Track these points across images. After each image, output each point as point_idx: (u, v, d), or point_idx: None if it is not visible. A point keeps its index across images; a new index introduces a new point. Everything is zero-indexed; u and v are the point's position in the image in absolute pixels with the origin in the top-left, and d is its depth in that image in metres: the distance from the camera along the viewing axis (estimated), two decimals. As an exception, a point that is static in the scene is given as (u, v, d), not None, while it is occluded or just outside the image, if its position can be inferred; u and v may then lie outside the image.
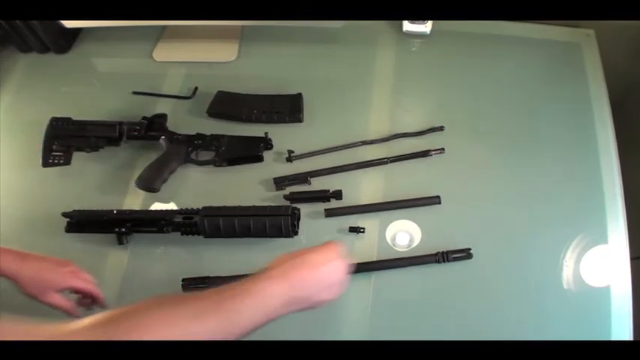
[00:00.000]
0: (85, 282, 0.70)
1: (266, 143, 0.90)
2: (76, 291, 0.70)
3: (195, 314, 0.46)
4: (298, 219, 0.81)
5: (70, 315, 0.68)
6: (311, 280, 0.52)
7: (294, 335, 0.57)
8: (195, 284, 0.77)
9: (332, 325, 0.77)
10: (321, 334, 0.75)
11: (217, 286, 0.51)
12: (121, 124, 0.91)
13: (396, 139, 0.91)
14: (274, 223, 0.76)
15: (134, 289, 0.80)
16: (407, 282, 0.78)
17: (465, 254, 0.77)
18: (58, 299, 0.67)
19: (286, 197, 0.85)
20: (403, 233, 0.82)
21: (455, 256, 0.77)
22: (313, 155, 0.90)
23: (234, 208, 0.78)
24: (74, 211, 0.83)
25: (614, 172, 0.86)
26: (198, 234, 0.79)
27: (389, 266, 0.78)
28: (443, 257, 0.76)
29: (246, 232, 0.77)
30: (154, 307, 0.45)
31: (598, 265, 0.79)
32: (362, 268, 0.77)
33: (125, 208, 0.87)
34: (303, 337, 0.70)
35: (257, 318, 0.48)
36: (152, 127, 0.92)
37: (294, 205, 0.81)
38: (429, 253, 0.78)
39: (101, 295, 0.71)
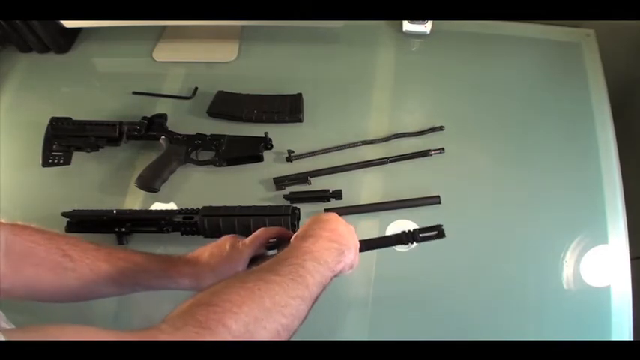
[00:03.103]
0: (254, 249, 0.65)
1: (266, 143, 0.90)
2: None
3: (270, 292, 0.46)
4: (298, 219, 0.81)
5: None
6: (334, 225, 0.57)
7: (295, 335, 0.58)
8: None
9: (332, 325, 0.77)
10: (321, 334, 0.75)
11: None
12: (121, 124, 0.91)
13: (396, 139, 0.91)
14: (274, 222, 0.76)
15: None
16: (407, 281, 0.78)
17: (437, 232, 0.62)
18: None
19: (286, 197, 0.85)
20: (403, 233, 0.81)
21: (424, 235, 0.62)
22: (313, 155, 0.90)
23: (234, 207, 0.78)
24: (74, 211, 0.83)
25: (614, 172, 0.86)
26: (198, 234, 0.79)
27: None
28: (409, 237, 0.63)
29: (246, 232, 0.76)
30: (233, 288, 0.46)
31: (598, 265, 0.79)
32: None
33: (125, 208, 0.87)
34: (303, 337, 0.70)
35: (320, 277, 0.51)
36: (152, 127, 0.92)
37: (294, 205, 0.81)
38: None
39: (270, 233, 0.67)
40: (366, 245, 0.63)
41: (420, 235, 0.63)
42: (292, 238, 0.59)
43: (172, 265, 0.64)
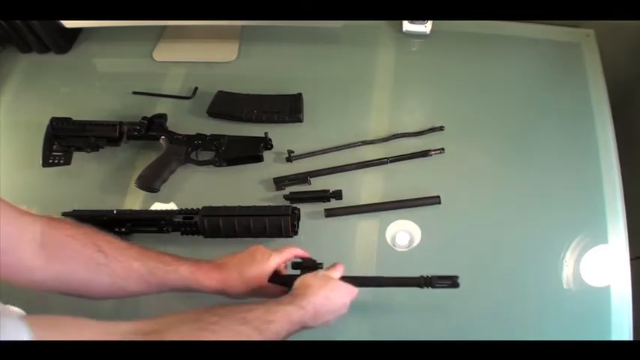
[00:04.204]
0: (282, 259, 0.68)
1: (266, 143, 0.90)
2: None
3: (232, 334, 0.49)
4: (298, 219, 0.81)
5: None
6: (326, 312, 0.61)
7: (294, 335, 0.58)
8: None
9: (332, 326, 0.77)
10: (322, 335, 0.75)
11: None
12: (121, 124, 0.91)
13: (396, 139, 0.91)
14: (274, 222, 0.76)
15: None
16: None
17: (451, 282, 0.66)
18: (272, 290, 0.67)
19: (286, 197, 0.85)
20: (403, 233, 0.82)
21: (439, 283, 0.66)
22: (313, 155, 0.90)
23: (234, 208, 0.78)
24: (74, 211, 0.83)
25: (614, 172, 0.86)
26: (198, 234, 0.79)
27: (368, 284, 0.69)
28: (426, 282, 0.66)
29: (246, 232, 0.77)
30: (188, 326, 0.48)
31: (598, 265, 0.79)
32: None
33: (125, 208, 0.87)
34: (303, 338, 0.70)
35: (281, 333, 0.54)
36: (152, 127, 0.92)
37: (294, 205, 0.81)
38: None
39: (302, 253, 0.71)
40: (383, 282, 0.69)
41: (437, 283, 0.66)
42: (298, 281, 0.63)
43: (200, 269, 0.65)
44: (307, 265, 0.68)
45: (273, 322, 0.53)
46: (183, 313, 0.49)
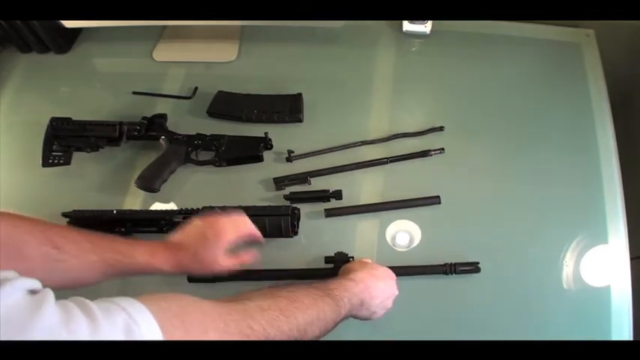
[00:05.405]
0: (240, 235, 0.70)
1: (266, 143, 0.90)
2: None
3: (307, 297, 0.56)
4: (298, 219, 0.81)
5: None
6: (377, 289, 0.65)
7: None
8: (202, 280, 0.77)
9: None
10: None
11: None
12: (121, 124, 0.91)
13: (396, 139, 0.91)
14: (274, 222, 0.76)
15: (135, 288, 0.80)
16: (406, 281, 0.78)
17: (473, 267, 0.76)
18: (229, 264, 0.68)
19: (286, 197, 0.85)
20: (403, 233, 0.82)
21: (462, 268, 0.76)
22: (313, 155, 0.90)
23: (234, 208, 0.78)
24: (74, 211, 0.83)
25: (614, 172, 0.86)
26: (198, 234, 0.79)
27: (397, 273, 0.71)
28: (450, 269, 0.76)
29: (246, 232, 0.77)
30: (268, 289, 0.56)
31: (598, 265, 0.79)
32: None
33: (125, 208, 0.87)
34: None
35: (344, 300, 0.59)
36: (152, 127, 0.92)
37: (294, 205, 0.81)
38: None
39: (258, 233, 0.72)
40: (410, 272, 0.76)
41: (460, 269, 0.76)
42: (340, 269, 0.69)
43: (155, 255, 0.65)
44: (340, 259, 0.75)
45: (335, 289, 0.60)
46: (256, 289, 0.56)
